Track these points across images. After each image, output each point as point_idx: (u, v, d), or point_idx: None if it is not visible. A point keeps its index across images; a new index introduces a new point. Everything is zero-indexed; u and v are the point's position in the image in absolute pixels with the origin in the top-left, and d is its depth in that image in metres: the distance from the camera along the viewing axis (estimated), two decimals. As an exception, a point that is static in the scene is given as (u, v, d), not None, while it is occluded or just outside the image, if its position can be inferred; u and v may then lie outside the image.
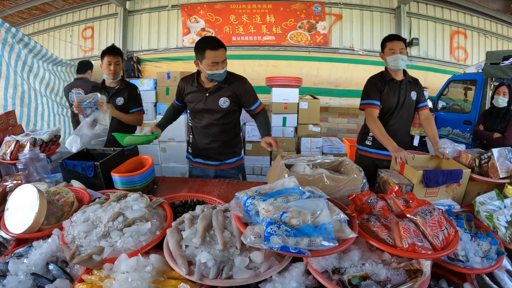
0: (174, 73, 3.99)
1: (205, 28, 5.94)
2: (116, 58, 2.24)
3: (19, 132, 2.12)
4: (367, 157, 2.24)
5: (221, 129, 1.98)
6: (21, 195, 1.21)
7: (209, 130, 1.99)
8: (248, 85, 1.96)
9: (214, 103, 1.91)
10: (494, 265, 1.00)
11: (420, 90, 2.19)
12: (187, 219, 1.10)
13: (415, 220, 1.04)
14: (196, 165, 2.11)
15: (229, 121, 1.99)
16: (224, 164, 2.06)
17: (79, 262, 0.95)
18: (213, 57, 1.76)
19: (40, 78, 3.48)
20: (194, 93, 1.95)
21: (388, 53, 2.06)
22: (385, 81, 2.10)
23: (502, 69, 3.60)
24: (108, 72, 2.25)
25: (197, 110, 1.97)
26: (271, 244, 0.85)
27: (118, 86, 2.36)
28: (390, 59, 2.05)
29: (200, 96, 1.93)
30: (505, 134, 2.94)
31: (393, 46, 2.03)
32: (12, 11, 5.92)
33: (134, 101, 2.40)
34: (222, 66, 1.79)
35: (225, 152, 2.04)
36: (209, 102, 1.92)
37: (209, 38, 1.82)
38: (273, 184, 1.20)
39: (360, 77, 5.87)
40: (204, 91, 1.92)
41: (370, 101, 2.08)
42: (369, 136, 2.22)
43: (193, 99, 1.96)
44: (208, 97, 1.91)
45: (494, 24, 6.20)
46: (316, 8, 5.79)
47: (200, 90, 1.93)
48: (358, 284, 0.85)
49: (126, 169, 1.67)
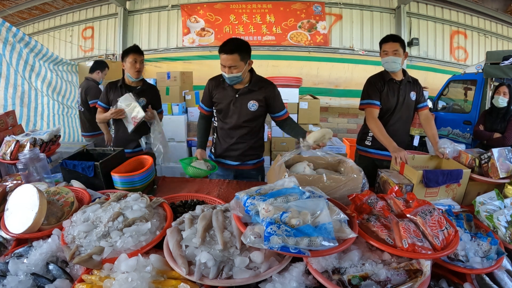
0: (174, 73, 3.99)
1: (205, 28, 5.94)
2: (141, 57, 2.26)
3: (19, 132, 2.12)
4: (366, 157, 2.24)
5: (247, 131, 1.97)
6: (21, 195, 1.21)
7: (234, 132, 1.97)
8: (277, 91, 1.96)
9: (243, 105, 1.89)
10: (494, 265, 1.00)
11: (419, 90, 2.18)
12: (187, 219, 1.10)
13: (415, 220, 1.04)
14: (218, 164, 2.08)
15: (255, 124, 1.98)
16: (245, 165, 2.05)
17: (79, 262, 0.95)
18: (222, 60, 1.77)
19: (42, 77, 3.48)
20: (223, 93, 1.92)
21: (382, 55, 2.07)
22: (384, 81, 2.09)
23: (502, 69, 3.60)
24: (133, 71, 2.24)
25: (225, 110, 1.94)
26: (271, 244, 0.85)
27: (140, 86, 2.36)
28: (383, 61, 2.07)
29: (229, 97, 1.91)
30: (505, 134, 2.94)
31: (386, 48, 2.03)
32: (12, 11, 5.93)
33: (158, 102, 2.44)
34: (230, 71, 1.76)
35: (248, 154, 2.02)
36: (238, 103, 1.90)
37: (228, 41, 1.79)
38: (273, 184, 1.20)
39: (360, 77, 5.87)
40: (234, 92, 1.89)
41: (370, 101, 2.07)
42: (369, 136, 2.22)
43: (222, 99, 1.93)
44: (238, 99, 1.89)
45: (494, 24, 6.20)
46: (316, 8, 5.80)
47: (230, 90, 1.90)
48: (358, 284, 0.85)
49: (126, 169, 1.67)
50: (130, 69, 2.25)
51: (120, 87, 2.33)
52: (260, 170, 2.14)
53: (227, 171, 2.07)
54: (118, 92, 2.34)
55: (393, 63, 2.02)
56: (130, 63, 2.23)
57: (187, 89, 4.08)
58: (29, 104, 3.30)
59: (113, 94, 2.35)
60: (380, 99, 2.09)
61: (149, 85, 2.43)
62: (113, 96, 2.35)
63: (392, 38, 2.04)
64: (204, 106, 2.04)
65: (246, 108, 1.89)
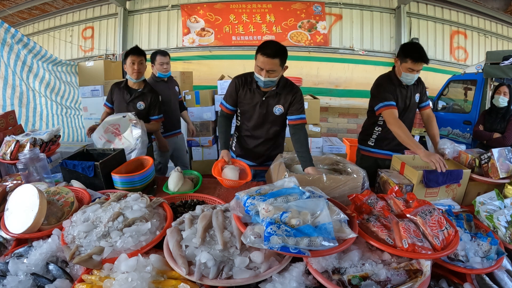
0: (174, 73, 3.97)
1: (205, 28, 5.94)
2: (140, 58, 2.24)
3: (19, 132, 2.12)
4: (369, 157, 2.23)
5: (270, 135, 1.95)
6: (21, 195, 1.21)
7: (257, 133, 1.95)
8: (300, 94, 1.88)
9: (269, 109, 1.86)
10: (494, 265, 1.00)
11: (423, 90, 2.17)
12: (187, 219, 1.10)
13: (415, 220, 1.04)
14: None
15: (278, 128, 1.95)
16: (264, 166, 2.02)
17: (79, 262, 0.95)
18: (261, 63, 1.67)
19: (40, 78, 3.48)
20: (250, 93, 1.86)
21: (406, 70, 1.94)
22: (395, 86, 2.04)
23: (502, 69, 3.60)
24: (131, 71, 2.24)
25: (250, 112, 1.90)
26: (271, 244, 0.85)
27: (141, 89, 2.34)
28: (406, 76, 1.97)
29: (256, 99, 1.85)
30: (505, 134, 2.94)
31: (415, 67, 1.91)
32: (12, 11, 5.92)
33: (156, 108, 2.38)
34: (268, 75, 1.68)
35: (268, 155, 2.00)
36: (264, 106, 1.85)
37: (269, 43, 1.69)
38: (273, 184, 1.20)
39: (360, 77, 5.88)
40: (261, 95, 1.84)
41: (387, 103, 1.97)
42: (372, 137, 2.20)
43: (249, 100, 1.87)
44: (264, 101, 1.84)
45: (494, 24, 6.20)
46: (316, 8, 5.80)
47: (258, 92, 1.84)
48: (358, 284, 0.85)
49: (126, 170, 1.67)
50: (129, 70, 2.25)
51: (122, 88, 2.34)
52: None
53: None
54: (120, 92, 2.36)
55: (414, 81, 2.01)
56: (129, 64, 2.23)
57: (187, 89, 4.08)
58: (27, 104, 3.31)
59: (115, 95, 2.38)
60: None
61: (150, 89, 2.39)
62: (115, 97, 2.38)
63: (425, 59, 1.90)
64: (227, 104, 1.93)
65: (272, 112, 1.86)
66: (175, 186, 1.59)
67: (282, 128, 2.00)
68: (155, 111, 2.38)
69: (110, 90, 2.42)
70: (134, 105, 2.32)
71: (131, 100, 2.32)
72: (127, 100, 2.33)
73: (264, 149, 1.98)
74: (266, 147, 1.98)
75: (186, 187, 1.64)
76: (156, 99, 2.40)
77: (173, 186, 1.59)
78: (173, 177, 1.61)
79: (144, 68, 2.30)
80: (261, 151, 1.99)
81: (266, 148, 1.98)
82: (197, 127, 3.89)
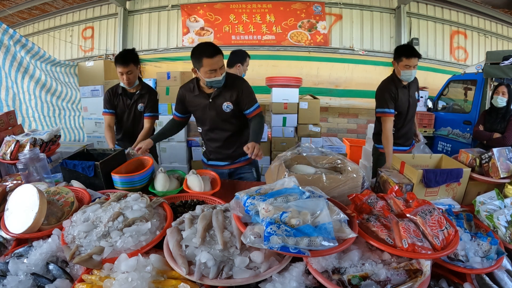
0: (174, 73, 3.99)
1: (204, 28, 5.94)
2: (128, 68, 2.16)
3: (19, 132, 2.12)
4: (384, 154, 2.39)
5: (229, 133, 1.96)
6: (21, 195, 1.21)
7: (216, 135, 1.97)
8: (245, 86, 1.90)
9: (218, 108, 1.88)
10: (494, 265, 1.00)
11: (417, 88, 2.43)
12: (187, 219, 1.10)
13: (415, 220, 1.04)
14: (211, 167, 2.09)
15: (235, 123, 1.96)
16: (237, 163, 2.04)
17: (79, 262, 0.95)
18: (210, 65, 1.69)
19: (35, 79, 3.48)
20: (196, 100, 1.91)
21: (403, 67, 2.18)
22: (397, 88, 2.27)
23: (502, 69, 3.59)
24: (122, 81, 2.22)
25: (202, 116, 1.94)
26: (271, 244, 0.85)
27: (139, 91, 2.32)
28: (405, 73, 2.20)
29: (203, 103, 1.90)
30: (505, 134, 2.94)
31: (410, 63, 2.15)
32: (12, 11, 5.93)
33: (150, 106, 2.36)
34: (220, 72, 1.74)
35: (238, 152, 2.01)
36: (212, 107, 1.88)
37: (205, 45, 1.74)
38: (273, 184, 1.19)
39: (360, 77, 5.88)
40: (206, 97, 1.88)
41: (385, 110, 2.24)
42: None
43: (197, 106, 1.93)
44: (211, 103, 1.87)
45: (494, 24, 6.20)
46: (316, 8, 5.79)
47: (202, 96, 1.89)
48: (358, 284, 0.85)
49: (126, 170, 1.67)
50: (120, 79, 2.23)
51: (121, 95, 2.34)
52: (253, 164, 2.12)
53: (220, 171, 2.06)
54: (119, 99, 2.36)
55: (413, 77, 2.23)
56: (119, 73, 2.20)
57: (187, 89, 4.08)
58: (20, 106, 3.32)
59: (116, 100, 2.37)
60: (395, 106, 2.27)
61: (148, 89, 2.37)
62: (117, 101, 2.37)
63: (416, 54, 2.16)
64: (177, 113, 2.03)
65: (222, 110, 1.87)
66: (163, 187, 1.60)
67: (241, 123, 1.99)
68: (148, 108, 2.36)
69: (105, 97, 2.39)
70: (136, 108, 2.33)
71: (132, 104, 2.33)
72: (129, 105, 2.34)
73: (230, 148, 1.99)
74: (232, 145, 1.99)
75: (173, 186, 1.66)
76: (151, 97, 2.38)
77: (161, 187, 1.60)
78: (160, 178, 1.63)
79: (134, 77, 2.24)
80: (227, 150, 1.99)
81: (232, 146, 1.99)
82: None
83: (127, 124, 2.43)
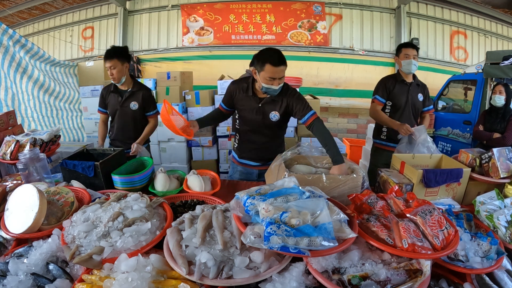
0: (174, 73, 3.99)
1: (204, 27, 5.94)
2: (111, 62, 2.16)
3: (19, 132, 2.12)
4: (382, 150, 2.54)
5: (268, 139, 1.96)
6: (21, 195, 1.22)
7: (256, 137, 1.97)
8: (296, 97, 1.84)
9: (265, 115, 1.87)
10: (494, 265, 1.00)
11: (426, 94, 2.49)
12: (187, 219, 1.10)
13: (415, 220, 1.04)
14: (241, 165, 2.07)
15: (276, 133, 1.97)
16: (268, 165, 1.97)
17: (79, 262, 0.95)
18: (272, 73, 1.67)
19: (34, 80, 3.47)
20: (246, 100, 1.89)
21: (403, 58, 2.35)
22: (396, 81, 2.42)
23: (502, 69, 3.59)
24: (110, 76, 2.23)
25: (248, 118, 1.92)
26: (271, 244, 0.86)
27: (130, 88, 2.31)
28: (405, 63, 2.34)
29: (252, 105, 1.87)
30: (505, 134, 2.94)
31: (408, 52, 2.33)
32: (12, 11, 5.92)
33: (151, 104, 2.37)
34: (279, 82, 1.71)
35: (270, 156, 1.96)
36: (260, 113, 1.87)
37: (272, 51, 1.70)
38: (273, 184, 1.20)
39: (360, 77, 5.88)
40: (257, 101, 1.86)
41: (376, 96, 2.45)
42: (384, 130, 2.52)
43: (245, 106, 1.91)
44: (260, 108, 1.86)
45: (494, 24, 6.20)
46: (316, 8, 5.79)
47: (253, 99, 1.86)
48: (358, 284, 0.85)
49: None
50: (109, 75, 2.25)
51: (112, 92, 2.35)
52: None
53: (250, 171, 2.07)
54: (111, 96, 2.36)
55: (414, 66, 2.34)
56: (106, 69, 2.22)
57: (187, 89, 4.08)
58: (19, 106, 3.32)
59: (108, 97, 2.39)
60: (389, 97, 2.43)
61: (140, 87, 2.36)
62: (108, 100, 2.39)
63: (413, 45, 2.38)
64: (224, 105, 1.99)
65: (268, 118, 1.87)
66: (163, 187, 1.60)
67: (281, 131, 2.02)
68: (150, 107, 2.37)
69: (100, 95, 2.42)
70: (128, 106, 2.31)
71: (123, 102, 2.32)
72: (120, 103, 2.33)
73: (264, 151, 1.99)
74: (266, 150, 1.99)
75: (173, 186, 1.66)
76: (149, 95, 2.37)
77: (161, 187, 1.60)
78: (160, 178, 1.63)
79: (119, 72, 2.21)
80: (261, 153, 2.00)
81: (266, 150, 1.99)
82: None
83: (119, 122, 2.40)
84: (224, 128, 3.89)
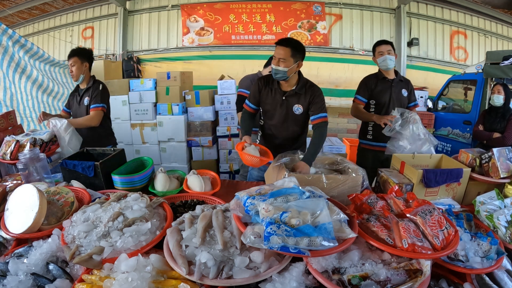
0: (174, 73, 3.98)
1: (204, 27, 5.94)
2: (70, 60, 2.24)
3: (19, 132, 2.12)
4: (368, 150, 2.52)
5: (291, 133, 1.99)
6: (21, 195, 1.21)
7: (279, 132, 1.99)
8: (318, 94, 1.91)
9: (289, 108, 1.91)
10: (494, 265, 1.00)
11: (411, 89, 2.47)
12: (187, 219, 1.10)
13: (415, 220, 1.04)
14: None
15: (300, 126, 1.99)
16: None
17: (79, 262, 0.95)
18: (275, 52, 1.79)
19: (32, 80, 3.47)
20: (270, 94, 1.94)
21: (377, 56, 2.36)
22: (377, 80, 2.41)
23: (502, 69, 3.59)
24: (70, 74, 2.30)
25: (271, 112, 1.96)
26: (271, 244, 0.85)
27: (86, 86, 2.36)
28: (380, 60, 2.35)
29: (276, 99, 1.92)
30: (505, 134, 2.94)
31: (381, 49, 2.33)
32: (12, 11, 5.92)
33: (93, 97, 2.29)
34: (278, 63, 1.77)
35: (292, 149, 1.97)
36: (284, 106, 1.91)
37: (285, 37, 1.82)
38: (273, 184, 1.20)
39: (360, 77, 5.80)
40: (281, 94, 1.91)
41: (357, 96, 2.46)
42: (369, 130, 2.49)
43: (270, 100, 1.95)
44: (284, 101, 1.90)
45: (494, 24, 6.20)
46: (316, 8, 5.80)
47: (278, 92, 1.91)
48: (358, 284, 0.85)
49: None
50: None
51: (72, 92, 2.43)
52: None
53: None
54: (71, 96, 2.45)
55: (389, 61, 2.31)
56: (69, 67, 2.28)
57: (187, 89, 4.08)
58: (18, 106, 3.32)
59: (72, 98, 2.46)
60: (372, 96, 2.41)
61: (93, 82, 2.35)
62: (72, 99, 2.46)
63: (384, 41, 2.37)
64: (250, 104, 2.02)
65: (292, 111, 1.91)
66: (163, 187, 1.61)
67: (304, 126, 2.05)
68: (92, 100, 2.28)
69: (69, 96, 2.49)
70: (83, 102, 2.33)
71: (80, 100, 2.35)
72: (78, 101, 2.37)
73: (286, 147, 1.99)
74: (289, 144, 2.01)
75: (173, 186, 1.66)
76: (94, 89, 2.31)
77: (161, 187, 1.61)
78: (160, 178, 1.63)
79: (78, 69, 2.25)
80: (282, 146, 2.01)
81: (289, 146, 2.00)
82: (197, 127, 3.89)
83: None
84: (224, 128, 3.89)
